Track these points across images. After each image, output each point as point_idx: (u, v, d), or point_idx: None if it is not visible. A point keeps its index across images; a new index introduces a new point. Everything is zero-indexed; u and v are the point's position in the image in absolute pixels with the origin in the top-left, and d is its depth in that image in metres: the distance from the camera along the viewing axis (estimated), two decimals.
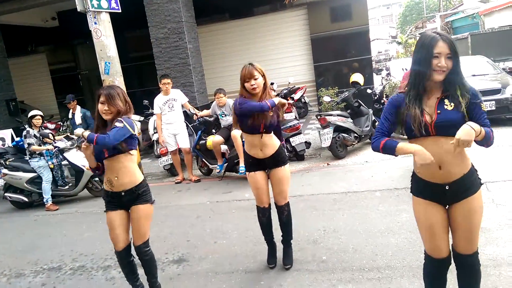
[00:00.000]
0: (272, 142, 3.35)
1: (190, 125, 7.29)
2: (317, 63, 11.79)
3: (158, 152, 7.21)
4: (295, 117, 8.71)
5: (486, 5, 21.11)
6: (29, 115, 6.49)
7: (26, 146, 6.26)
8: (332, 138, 6.78)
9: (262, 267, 3.58)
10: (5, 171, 6.59)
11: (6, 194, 6.60)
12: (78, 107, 7.96)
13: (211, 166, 6.87)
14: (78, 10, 6.55)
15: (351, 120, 7.32)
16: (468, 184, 2.12)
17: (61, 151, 6.62)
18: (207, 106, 7.84)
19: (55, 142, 6.41)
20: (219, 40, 12.38)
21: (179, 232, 4.70)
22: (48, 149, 6.37)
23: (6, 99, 10.47)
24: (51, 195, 6.46)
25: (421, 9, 39.97)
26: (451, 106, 2.04)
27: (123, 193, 2.90)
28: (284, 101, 3.37)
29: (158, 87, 6.65)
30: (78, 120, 7.79)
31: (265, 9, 11.99)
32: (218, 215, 5.10)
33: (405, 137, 2.20)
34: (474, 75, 8.63)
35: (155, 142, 8.28)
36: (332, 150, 6.92)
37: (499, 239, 3.50)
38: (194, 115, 6.90)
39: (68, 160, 6.63)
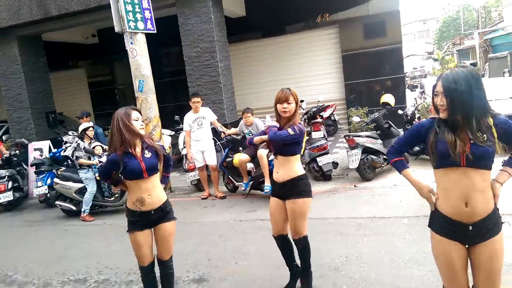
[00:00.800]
0: (289, 167, 3.24)
1: (218, 142, 7.40)
2: (348, 81, 11.70)
3: (186, 167, 7.35)
4: (324, 135, 8.68)
5: None
6: (82, 127, 6.64)
7: (74, 158, 6.49)
8: (360, 159, 6.68)
9: None
10: (56, 180, 6.86)
11: (57, 202, 6.90)
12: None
13: (236, 184, 6.92)
14: (115, 31, 6.86)
15: (381, 142, 7.20)
16: (491, 225, 2.06)
17: None
18: (236, 123, 7.93)
19: (101, 157, 6.51)
20: (250, 57, 12.56)
21: (202, 250, 4.74)
22: (94, 164, 6.54)
23: (46, 111, 11.01)
24: (97, 205, 6.78)
25: (459, 25, 38.96)
26: (483, 138, 2.00)
27: (152, 212, 2.97)
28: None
29: (189, 101, 6.82)
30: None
31: (297, 27, 12.07)
32: (240, 235, 5.12)
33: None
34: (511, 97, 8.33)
35: (184, 156, 8.44)
36: (360, 172, 6.82)
37: None
38: (222, 133, 7.00)
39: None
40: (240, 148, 7.00)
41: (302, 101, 10.56)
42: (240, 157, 6.51)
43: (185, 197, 7.40)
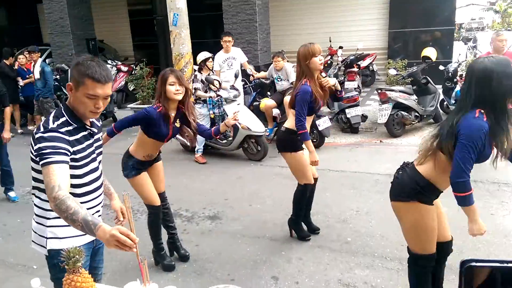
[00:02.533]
0: None
1: (249, 84, 7.37)
2: (393, 29, 11.03)
3: None
4: (358, 86, 8.44)
5: None
6: (201, 57, 6.02)
7: (193, 90, 5.82)
8: (390, 115, 6.52)
9: (287, 237, 3.74)
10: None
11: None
12: (39, 60, 7.81)
13: None
14: None
15: (415, 98, 6.94)
16: None
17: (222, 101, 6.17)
18: (269, 66, 7.82)
19: (219, 90, 5.94)
20: None
21: (220, 190, 4.96)
22: (211, 97, 5.91)
23: (86, 38, 11.19)
24: (209, 145, 6.23)
25: None
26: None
27: (155, 158, 3.21)
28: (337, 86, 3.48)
29: (220, 41, 6.74)
30: (36, 74, 7.63)
31: None
32: (258, 179, 5.28)
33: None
34: None
35: None
36: (388, 127, 6.68)
37: None
38: (251, 76, 6.95)
39: (227, 114, 5.94)
40: (268, 93, 6.97)
41: (340, 47, 10.17)
42: (266, 102, 6.50)
43: None
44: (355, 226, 3.87)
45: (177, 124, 3.07)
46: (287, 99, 5.87)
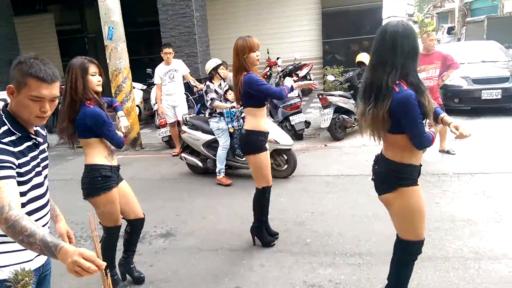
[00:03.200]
0: None
1: (191, 97, 7.24)
2: (326, 39, 11.54)
3: (158, 123, 7.20)
4: (298, 94, 8.62)
5: None
6: (211, 65, 5.45)
7: (208, 102, 5.30)
8: (332, 119, 6.72)
9: (246, 246, 3.64)
10: (184, 128, 5.70)
11: (183, 154, 5.78)
12: None
13: None
14: None
15: (353, 102, 7.23)
16: None
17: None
18: (210, 78, 7.77)
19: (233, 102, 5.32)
20: (227, 10, 12.13)
21: (170, 206, 4.75)
22: (233, 107, 5.23)
23: (11, 59, 10.40)
24: (226, 164, 5.42)
25: None
26: None
27: (119, 167, 2.90)
28: (302, 83, 3.43)
29: (160, 54, 6.57)
30: None
31: None
32: (210, 191, 5.14)
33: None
34: (483, 61, 8.44)
35: (156, 112, 8.26)
36: (330, 131, 6.87)
37: (483, 232, 3.52)
38: (194, 87, 6.84)
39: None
40: None
41: (278, 58, 10.40)
42: None
43: (155, 154, 7.33)
44: (313, 227, 3.87)
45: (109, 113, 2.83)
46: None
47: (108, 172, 2.76)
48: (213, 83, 5.37)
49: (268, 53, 10.85)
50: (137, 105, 8.39)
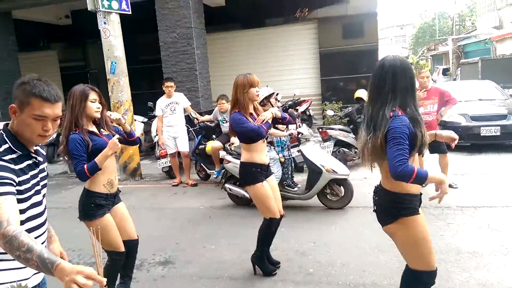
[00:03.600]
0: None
1: (191, 129, 7.29)
2: (325, 77, 11.80)
3: (158, 153, 7.21)
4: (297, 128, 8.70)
5: (500, 31, 21.10)
6: (264, 93, 5.18)
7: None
8: (333, 152, 6.74)
9: (247, 275, 3.53)
10: (228, 157, 5.40)
11: (226, 185, 5.45)
12: None
13: (209, 171, 6.84)
14: (88, 9, 6.65)
15: (353, 136, 7.28)
16: None
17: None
18: (211, 112, 7.86)
19: (300, 126, 5.12)
20: (228, 48, 12.46)
21: (169, 234, 4.66)
22: (290, 135, 5.03)
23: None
24: None
25: (434, 32, 40.04)
26: None
27: (116, 194, 2.88)
28: (276, 113, 3.41)
29: (163, 90, 6.68)
30: None
31: (276, 21, 12.07)
32: (210, 220, 5.06)
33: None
34: (480, 99, 8.59)
35: (156, 143, 8.29)
36: None
37: (490, 264, 3.43)
38: (195, 119, 6.91)
39: (304, 156, 5.16)
40: (214, 136, 6.93)
41: (277, 94, 10.56)
42: (213, 144, 6.44)
43: (155, 184, 7.27)
44: (315, 257, 3.78)
45: (106, 132, 2.82)
46: (233, 139, 5.88)
47: (102, 200, 2.76)
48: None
49: None
50: (138, 137, 8.41)
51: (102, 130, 2.81)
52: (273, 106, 5.23)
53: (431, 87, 5.65)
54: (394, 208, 2.19)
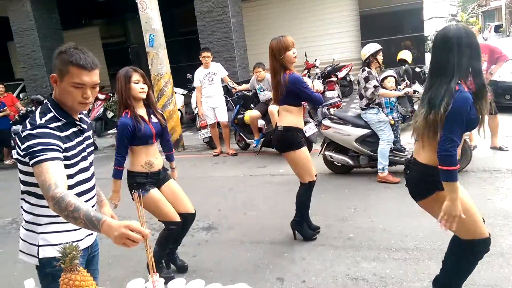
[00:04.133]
0: None
1: (229, 99, 7.33)
2: (366, 40, 11.31)
3: (199, 125, 7.34)
4: (338, 95, 8.52)
5: None
6: (370, 50, 4.83)
7: (369, 90, 4.65)
8: None
9: (287, 239, 3.60)
10: (327, 123, 5.07)
11: (326, 153, 5.17)
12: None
13: (248, 141, 6.91)
14: None
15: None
16: None
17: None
18: (248, 82, 7.85)
19: (413, 85, 4.62)
20: (263, 15, 12.22)
21: (212, 202, 4.81)
22: (406, 94, 4.87)
23: None
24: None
25: None
26: None
27: (160, 171, 3.00)
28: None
29: (201, 61, 6.71)
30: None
31: None
32: (250, 188, 5.16)
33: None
34: None
35: (197, 115, 8.44)
36: None
37: None
38: (233, 88, 6.93)
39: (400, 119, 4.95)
40: (252, 105, 6.94)
41: (315, 60, 10.32)
42: (251, 114, 6.46)
43: (196, 154, 7.46)
44: (355, 223, 3.77)
45: (155, 120, 2.94)
46: (271, 108, 5.87)
47: (143, 179, 2.89)
48: (370, 68, 4.79)
49: (305, 55, 10.80)
50: (179, 109, 8.61)
51: (152, 115, 2.93)
52: (380, 64, 4.97)
53: (480, 44, 5.29)
54: (428, 182, 2.11)
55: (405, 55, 7.32)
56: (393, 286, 2.77)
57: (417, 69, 7.76)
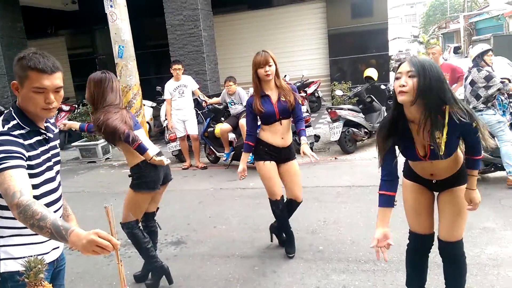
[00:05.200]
0: (290, 131, 3.37)
1: (200, 112, 7.31)
2: (333, 57, 11.66)
3: (168, 138, 7.24)
4: (307, 110, 8.66)
5: None
6: (478, 50, 4.71)
7: (495, 86, 4.46)
8: (342, 132, 6.71)
9: (258, 253, 3.59)
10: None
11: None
12: None
13: (218, 154, 6.88)
14: None
15: (363, 116, 7.22)
16: (455, 180, 2.16)
17: None
18: (219, 95, 7.86)
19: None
20: (235, 30, 12.35)
21: (181, 215, 4.73)
22: None
23: None
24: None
25: (446, 9, 39.14)
26: (443, 138, 1.91)
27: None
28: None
29: (171, 74, 6.67)
30: None
31: (283, 1, 11.91)
32: (220, 202, 5.12)
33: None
34: None
35: (166, 128, 8.34)
36: (340, 144, 6.85)
37: (502, 240, 3.43)
38: (204, 102, 6.91)
39: None
40: (222, 118, 6.94)
41: (285, 75, 10.49)
42: (221, 127, 6.45)
43: None
44: (325, 235, 3.81)
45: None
46: (242, 121, 5.89)
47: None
48: (481, 67, 4.65)
49: None
50: (147, 122, 8.49)
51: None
52: (488, 65, 4.76)
53: (442, 63, 5.55)
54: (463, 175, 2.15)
55: (371, 72, 7.57)
56: None
57: (382, 87, 8.03)
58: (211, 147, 6.96)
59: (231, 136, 6.46)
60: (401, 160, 2.19)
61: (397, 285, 2.88)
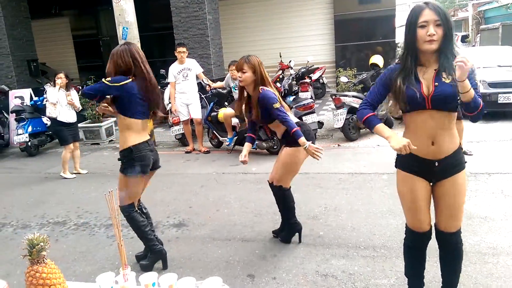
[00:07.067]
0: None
1: (203, 96, 7.28)
2: (339, 43, 11.53)
3: (171, 121, 7.24)
4: (311, 96, 8.62)
5: None
6: None
7: None
8: (345, 119, 6.68)
9: (259, 237, 3.61)
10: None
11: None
12: None
13: (221, 139, 6.88)
14: None
15: None
16: (455, 162, 2.12)
17: None
18: (223, 79, 7.81)
19: None
20: (240, 14, 12.22)
21: (183, 198, 4.76)
22: None
23: (27, 59, 10.60)
24: None
25: None
26: (448, 79, 1.95)
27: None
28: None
29: (175, 57, 6.62)
30: None
31: None
32: (222, 186, 5.14)
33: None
34: (499, 66, 8.33)
35: (169, 111, 8.32)
36: (344, 132, 6.83)
37: (502, 229, 3.44)
38: (207, 86, 6.88)
39: None
40: (226, 103, 6.92)
41: (290, 61, 10.41)
42: (225, 111, 6.43)
43: (168, 151, 7.36)
44: (326, 221, 3.83)
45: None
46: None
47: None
48: None
49: (280, 56, 10.87)
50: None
51: None
52: None
53: None
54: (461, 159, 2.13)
55: (377, 59, 7.50)
56: (361, 283, 2.83)
57: None
58: (214, 131, 6.96)
59: (234, 121, 6.45)
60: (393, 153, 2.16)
61: (396, 271, 2.90)
